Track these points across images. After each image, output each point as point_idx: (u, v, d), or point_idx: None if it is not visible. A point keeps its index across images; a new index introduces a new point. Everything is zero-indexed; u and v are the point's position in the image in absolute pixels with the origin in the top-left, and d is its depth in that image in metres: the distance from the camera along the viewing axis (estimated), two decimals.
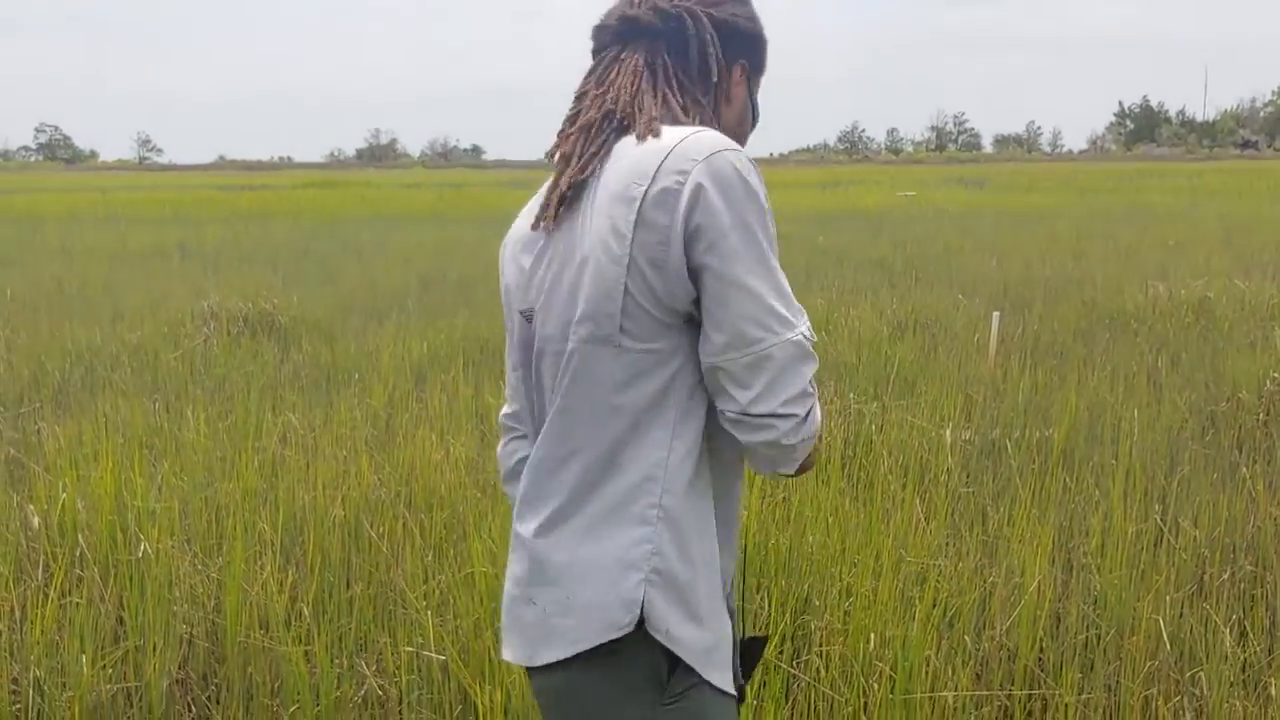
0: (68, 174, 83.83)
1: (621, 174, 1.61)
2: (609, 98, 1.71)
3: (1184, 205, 24.67)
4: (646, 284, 1.57)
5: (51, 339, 8.51)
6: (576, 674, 1.64)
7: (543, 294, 1.69)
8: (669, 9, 1.74)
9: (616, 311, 1.58)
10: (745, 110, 1.84)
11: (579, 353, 1.62)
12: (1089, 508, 4.58)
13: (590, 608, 1.62)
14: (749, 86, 1.84)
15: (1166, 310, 9.20)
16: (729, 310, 1.56)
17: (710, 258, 1.55)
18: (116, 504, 4.27)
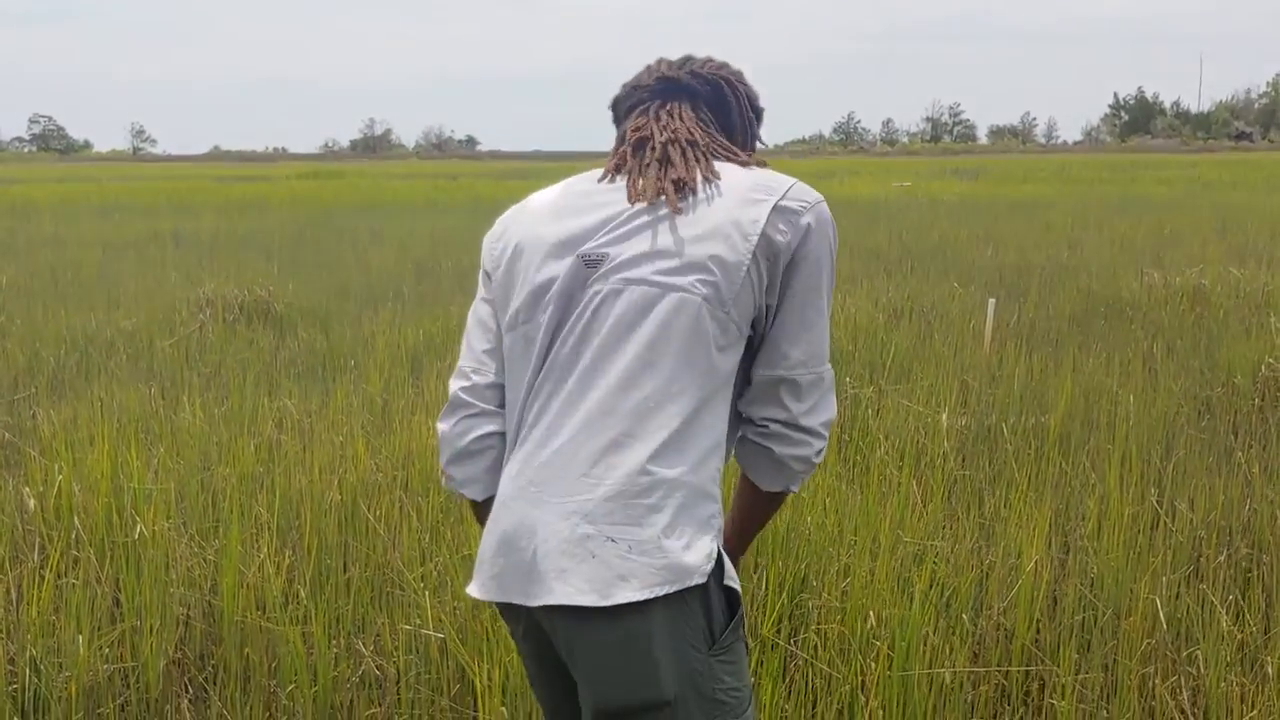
0: (62, 165, 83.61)
1: (748, 183, 1.83)
2: (678, 130, 1.90)
3: (1179, 195, 24.68)
4: (759, 274, 1.76)
5: (47, 326, 8.50)
6: (654, 619, 1.66)
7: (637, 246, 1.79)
8: (706, 74, 1.98)
9: (737, 285, 1.74)
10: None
11: (689, 302, 1.73)
12: (1085, 491, 4.59)
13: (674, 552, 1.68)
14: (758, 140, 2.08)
15: (1162, 298, 9.21)
16: (811, 330, 1.80)
17: (805, 281, 1.79)
18: (112, 486, 4.27)
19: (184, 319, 8.81)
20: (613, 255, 1.77)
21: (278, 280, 10.55)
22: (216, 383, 6.73)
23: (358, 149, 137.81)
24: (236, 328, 8.49)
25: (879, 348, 7.37)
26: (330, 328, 8.56)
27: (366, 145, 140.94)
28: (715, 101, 1.98)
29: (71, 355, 7.51)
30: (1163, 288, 9.47)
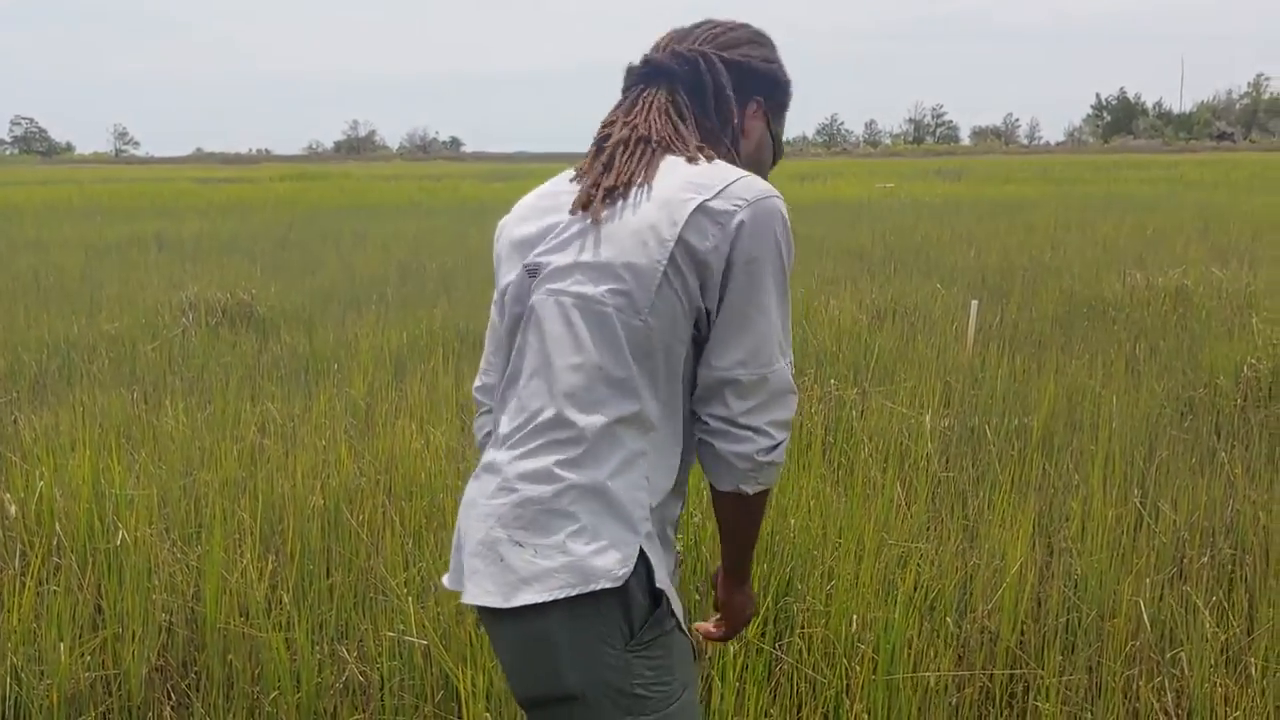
0: (44, 167, 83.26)
1: (679, 183, 1.79)
2: (638, 125, 1.88)
3: (1161, 196, 24.78)
4: (683, 278, 1.74)
5: (28, 330, 8.45)
6: (553, 620, 1.72)
7: (567, 257, 1.81)
8: (685, 53, 1.93)
9: (652, 292, 1.74)
10: (764, 143, 2.01)
11: (602, 313, 1.76)
12: (1069, 492, 4.60)
13: (585, 555, 1.71)
14: (768, 121, 2.01)
15: (1144, 298, 9.24)
16: (752, 330, 1.75)
17: (743, 281, 1.75)
18: (94, 492, 4.24)
19: (167, 323, 8.77)
20: (546, 265, 1.82)
21: (261, 283, 10.52)
22: (199, 387, 6.70)
23: (342, 150, 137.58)
24: (219, 331, 8.46)
25: (862, 349, 7.37)
26: (314, 331, 8.53)
27: (350, 146, 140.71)
28: (692, 84, 1.93)
29: (53, 360, 7.48)
30: (1145, 288, 9.50)
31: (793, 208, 5.83)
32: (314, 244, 15.49)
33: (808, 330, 7.93)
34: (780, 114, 2.04)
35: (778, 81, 2.02)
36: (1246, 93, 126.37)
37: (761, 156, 2.02)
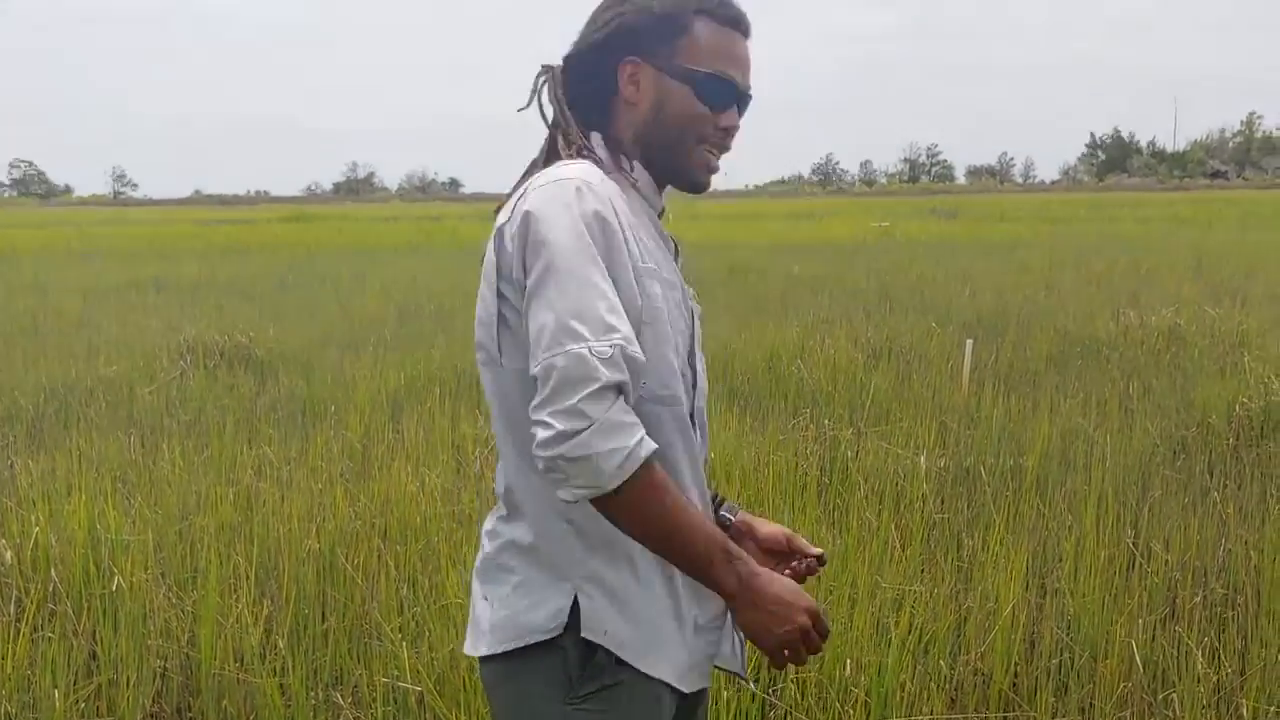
0: (42, 210, 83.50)
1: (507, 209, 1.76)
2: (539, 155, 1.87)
3: (1155, 234, 24.89)
4: (515, 310, 1.70)
5: (25, 374, 8.47)
6: (497, 672, 1.78)
7: None
8: (570, 51, 1.85)
9: (495, 335, 1.73)
10: (666, 98, 1.78)
11: (482, 373, 1.79)
12: (1062, 533, 4.61)
13: (521, 609, 1.75)
14: (662, 71, 1.77)
15: (1138, 338, 9.28)
16: (533, 325, 1.63)
17: (530, 278, 1.65)
18: (90, 538, 4.25)
19: (165, 366, 8.79)
20: None
21: (259, 325, 10.55)
22: (197, 430, 6.71)
23: (341, 191, 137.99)
24: (217, 374, 8.48)
25: (858, 389, 7.40)
26: (311, 373, 8.55)
27: (349, 188, 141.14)
28: (572, 80, 1.84)
29: (51, 404, 7.49)
30: (1139, 327, 9.54)
31: (789, 247, 5.86)
32: (312, 286, 15.54)
33: (803, 369, 7.96)
34: (673, 52, 1.77)
35: (646, 23, 1.78)
36: (1239, 131, 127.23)
37: (668, 119, 1.79)
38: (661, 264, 1.78)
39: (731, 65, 1.79)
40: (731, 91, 1.80)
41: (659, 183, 1.86)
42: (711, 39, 1.78)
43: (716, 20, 1.78)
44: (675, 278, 1.82)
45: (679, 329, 1.78)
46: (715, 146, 1.82)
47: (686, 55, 1.77)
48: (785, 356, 8.44)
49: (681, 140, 1.79)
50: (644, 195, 1.84)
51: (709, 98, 1.78)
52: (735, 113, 1.82)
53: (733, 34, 1.80)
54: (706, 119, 1.78)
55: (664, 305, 1.74)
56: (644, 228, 1.79)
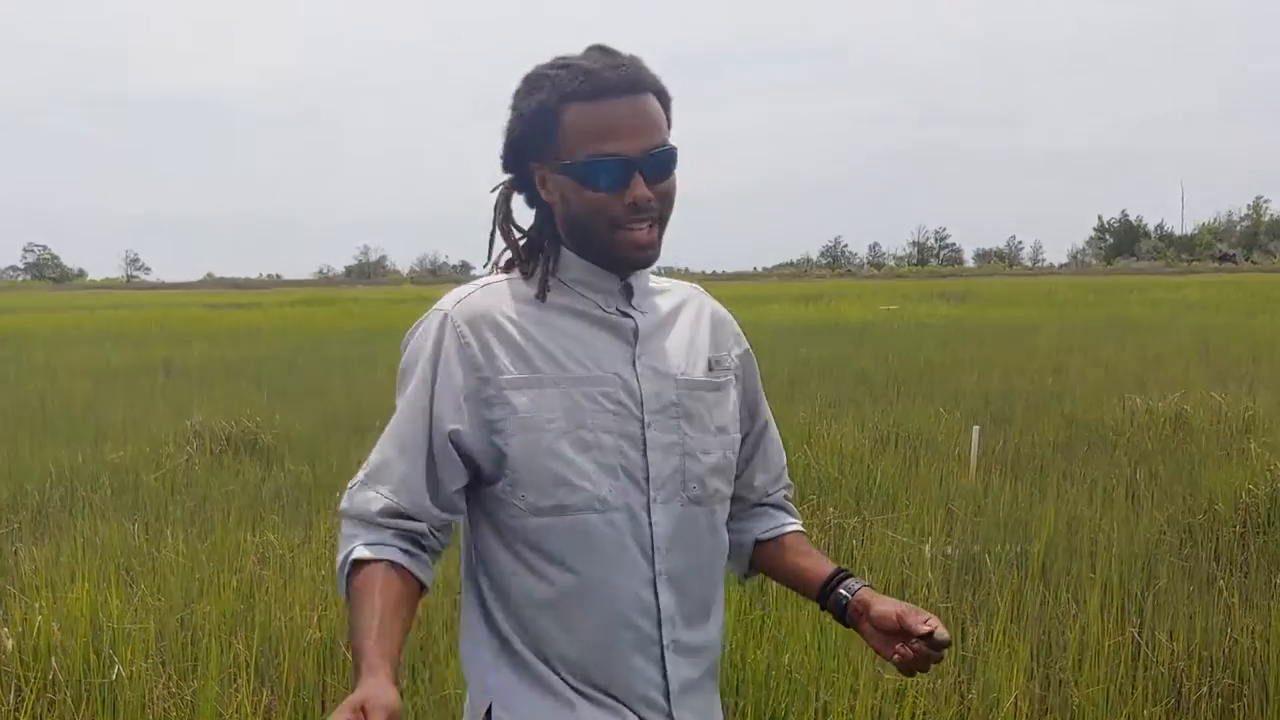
0: (56, 293, 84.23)
1: None
2: None
3: (1163, 318, 24.94)
4: None
5: (33, 459, 8.50)
6: None
7: None
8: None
9: None
10: (568, 198, 1.73)
11: None
12: (1066, 621, 4.58)
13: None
14: (554, 176, 1.73)
15: (1144, 423, 9.27)
16: None
17: None
18: (91, 626, 4.25)
19: (171, 451, 8.81)
20: None
21: (266, 410, 10.58)
22: (201, 516, 6.72)
23: (352, 275, 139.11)
24: (223, 459, 8.50)
25: (865, 474, 7.40)
26: (317, 458, 8.56)
27: (361, 271, 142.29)
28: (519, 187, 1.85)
29: (56, 489, 7.51)
30: (1145, 413, 9.54)
31: (797, 329, 5.90)
32: (321, 369, 15.61)
33: (810, 455, 7.96)
34: (556, 149, 1.72)
35: (524, 130, 1.75)
36: (1247, 214, 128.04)
37: (575, 214, 1.74)
38: (566, 361, 1.74)
39: (610, 140, 1.68)
40: (617, 167, 1.69)
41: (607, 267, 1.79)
42: (581, 122, 1.69)
43: (583, 99, 1.69)
44: (600, 369, 1.75)
45: (599, 426, 1.73)
46: (634, 223, 1.71)
47: (564, 149, 1.71)
48: (791, 442, 8.43)
49: (595, 229, 1.73)
50: (576, 285, 1.78)
51: (595, 183, 1.69)
52: (639, 182, 1.69)
53: (605, 104, 1.69)
54: (607, 202, 1.70)
55: (539, 413, 1.71)
56: (550, 326, 1.75)
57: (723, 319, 1.93)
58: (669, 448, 1.78)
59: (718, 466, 1.84)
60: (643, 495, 1.75)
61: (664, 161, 1.73)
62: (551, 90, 1.70)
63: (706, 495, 1.82)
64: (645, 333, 1.80)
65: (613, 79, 1.68)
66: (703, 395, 1.83)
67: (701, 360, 1.85)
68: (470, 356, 1.72)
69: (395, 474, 1.72)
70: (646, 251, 1.74)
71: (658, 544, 1.76)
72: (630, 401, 1.76)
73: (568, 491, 1.72)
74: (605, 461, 1.73)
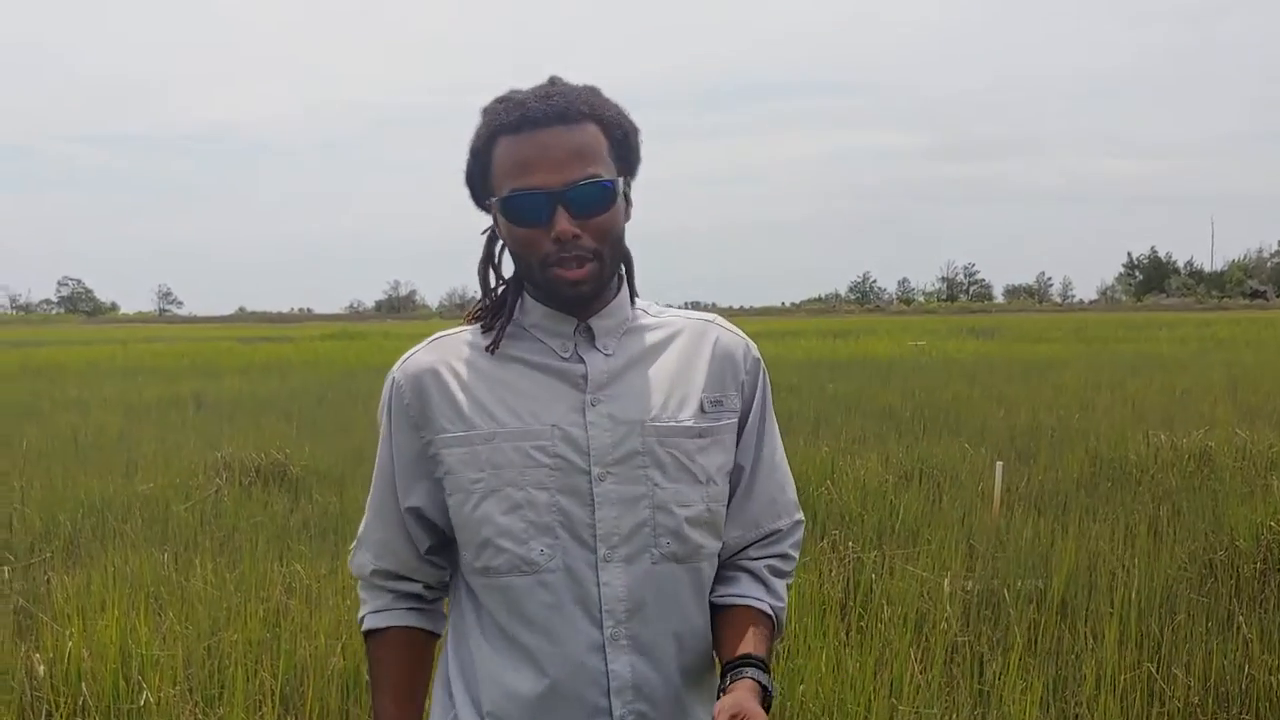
0: (88, 326, 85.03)
1: None
2: None
3: (1192, 354, 24.81)
4: None
5: (65, 490, 8.62)
6: None
7: None
8: None
9: None
10: (506, 237, 1.67)
11: None
12: (1084, 655, 4.60)
13: None
14: (498, 210, 1.66)
15: (1169, 460, 9.25)
16: None
17: None
18: (121, 653, 4.33)
19: (201, 483, 8.92)
20: None
21: (295, 443, 10.69)
22: (229, 547, 6.81)
23: (382, 309, 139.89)
24: (252, 491, 8.60)
25: (887, 509, 7.43)
26: (345, 490, 8.65)
27: (391, 305, 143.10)
28: None
29: (88, 519, 7.62)
30: (1170, 449, 9.52)
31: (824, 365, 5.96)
32: (350, 403, 15.72)
33: (832, 490, 8.00)
34: (491, 186, 1.66)
35: (472, 163, 1.68)
36: (1277, 251, 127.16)
37: (512, 252, 1.69)
38: (500, 414, 1.67)
39: (528, 173, 1.59)
40: (534, 201, 1.60)
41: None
42: (503, 157, 1.62)
43: (509, 132, 1.61)
44: (537, 420, 1.66)
45: (530, 482, 1.64)
46: (562, 260, 1.61)
47: (495, 186, 1.65)
48: (815, 477, 8.47)
49: (528, 266, 1.65)
50: (535, 330, 1.71)
51: (516, 219, 1.62)
52: (562, 216, 1.59)
53: (526, 136, 1.60)
54: (533, 238, 1.61)
55: (465, 472, 1.67)
56: (492, 378, 1.69)
57: (730, 352, 1.77)
58: (632, 501, 1.65)
59: (699, 519, 1.69)
60: (589, 554, 1.64)
61: (590, 195, 1.60)
62: (485, 126, 1.65)
63: (688, 552, 1.69)
64: (606, 377, 1.68)
65: (537, 110, 1.60)
66: (680, 442, 1.69)
67: (691, 402, 1.71)
68: (412, 419, 1.71)
69: (378, 539, 1.79)
70: (578, 288, 1.62)
71: (608, 606, 1.64)
72: (572, 453, 1.64)
73: (492, 554, 1.66)
74: (539, 520, 1.64)
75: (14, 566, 6.30)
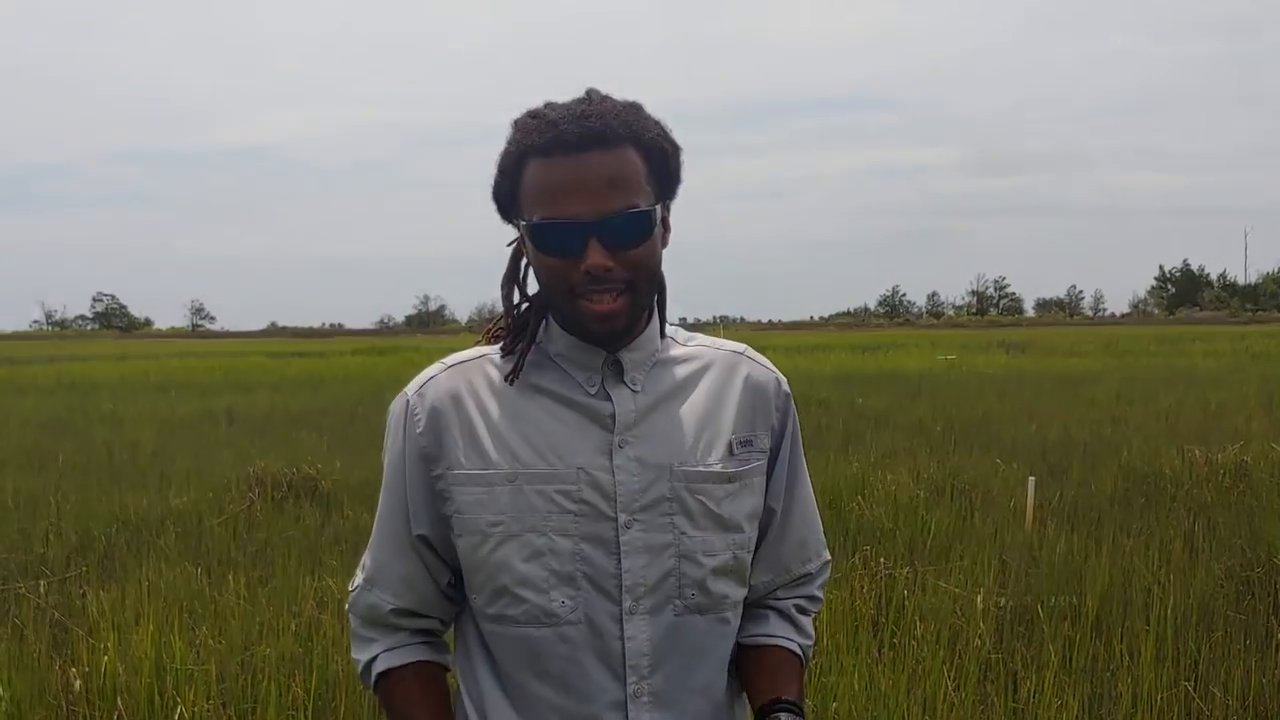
0: (122, 342, 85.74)
1: None
2: None
3: (1226, 368, 24.62)
4: None
5: (100, 504, 8.69)
6: None
7: None
8: None
9: None
10: (534, 263, 1.57)
11: None
12: (1119, 673, 4.56)
13: None
14: (526, 236, 1.55)
15: (1204, 475, 9.17)
16: None
17: None
18: (155, 667, 4.36)
19: (234, 497, 8.97)
20: None
21: (327, 458, 10.74)
22: (262, 561, 6.84)
23: (412, 324, 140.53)
24: (284, 505, 8.64)
25: (919, 525, 7.39)
26: (375, 504, 8.65)
27: (421, 320, 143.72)
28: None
29: (123, 534, 7.68)
30: (1205, 464, 9.43)
31: (854, 379, 5.93)
32: (380, 418, 15.58)
33: (863, 505, 7.97)
34: (520, 208, 1.54)
35: (500, 180, 1.57)
36: None
37: (539, 279, 1.57)
38: (524, 452, 1.56)
39: (560, 202, 1.48)
40: (567, 233, 1.48)
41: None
42: (535, 181, 1.51)
43: (540, 154, 1.50)
44: (563, 463, 1.55)
45: (554, 528, 1.54)
46: (592, 293, 1.50)
47: (525, 209, 1.53)
48: (846, 492, 8.44)
49: (554, 296, 1.54)
50: (560, 359, 1.61)
51: (546, 248, 1.51)
52: (595, 249, 1.48)
53: (559, 161, 1.49)
54: (562, 268, 1.50)
55: (482, 514, 1.55)
56: (516, 411, 1.58)
57: (762, 387, 1.68)
58: (658, 550, 1.56)
59: (725, 568, 1.60)
60: (613, 606, 1.54)
61: (627, 227, 1.49)
62: (514, 144, 1.53)
63: (711, 602, 1.60)
64: (634, 416, 1.58)
65: (572, 132, 1.47)
66: (709, 488, 1.59)
67: (720, 443, 1.62)
68: (423, 448, 1.59)
69: (395, 575, 1.63)
70: (609, 323, 1.51)
71: (631, 661, 1.55)
72: (599, 499, 1.54)
73: (509, 602, 1.55)
74: (561, 569, 1.53)
75: (50, 581, 6.35)
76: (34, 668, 4.64)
